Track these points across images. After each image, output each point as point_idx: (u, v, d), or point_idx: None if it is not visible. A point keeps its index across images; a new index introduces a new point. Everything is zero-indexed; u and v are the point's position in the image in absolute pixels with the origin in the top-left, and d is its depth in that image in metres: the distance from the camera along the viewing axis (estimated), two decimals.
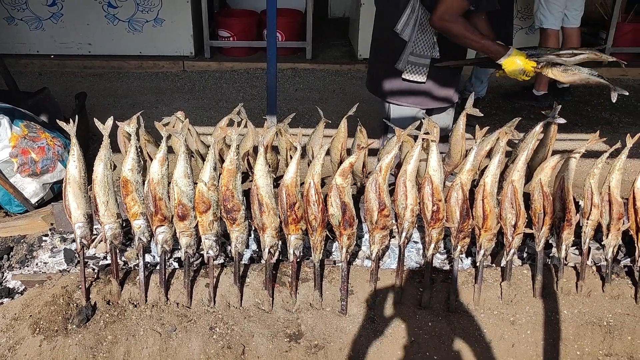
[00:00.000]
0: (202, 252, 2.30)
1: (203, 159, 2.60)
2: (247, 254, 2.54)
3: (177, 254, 2.50)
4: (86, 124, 3.41)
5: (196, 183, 2.20)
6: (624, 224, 2.34)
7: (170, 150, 2.35)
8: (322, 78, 5.37)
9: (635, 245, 2.36)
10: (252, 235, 2.60)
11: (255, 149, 2.61)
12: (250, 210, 2.22)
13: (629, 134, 2.35)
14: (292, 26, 5.67)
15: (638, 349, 2.18)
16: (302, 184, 2.23)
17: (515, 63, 2.60)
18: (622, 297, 2.35)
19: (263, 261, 2.29)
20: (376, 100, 3.26)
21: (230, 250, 2.28)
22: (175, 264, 2.48)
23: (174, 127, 2.45)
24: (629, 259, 2.54)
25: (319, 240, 2.23)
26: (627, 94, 2.48)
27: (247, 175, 2.71)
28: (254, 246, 2.57)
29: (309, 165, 2.64)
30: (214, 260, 2.25)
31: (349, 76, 5.39)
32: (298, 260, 2.32)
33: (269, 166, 2.29)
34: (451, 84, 2.93)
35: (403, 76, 2.81)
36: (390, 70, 2.84)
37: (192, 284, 2.30)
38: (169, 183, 2.21)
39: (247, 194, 2.26)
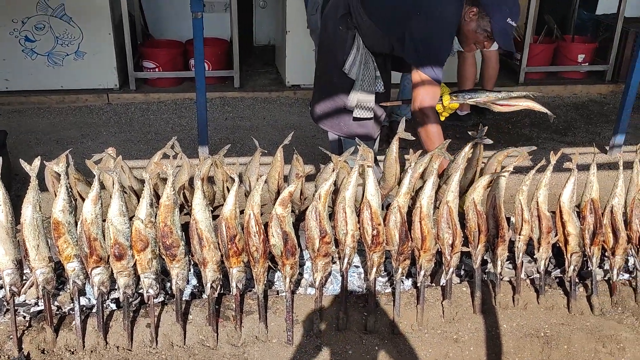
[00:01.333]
0: (141, 292, 2.23)
1: (137, 195, 2.53)
2: (188, 290, 2.48)
3: (115, 295, 2.41)
4: (7, 164, 3.25)
5: (132, 220, 2.14)
6: (553, 237, 2.44)
7: (101, 187, 2.28)
8: (252, 106, 5.36)
9: (565, 256, 2.47)
10: (192, 270, 2.54)
11: (191, 182, 2.57)
12: (190, 245, 2.18)
13: (552, 152, 2.48)
14: (218, 55, 5.65)
15: (574, 357, 2.27)
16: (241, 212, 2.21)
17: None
18: (556, 307, 2.44)
19: (205, 296, 2.25)
20: (308, 126, 3.32)
21: (171, 287, 2.22)
22: (113, 306, 2.39)
23: (105, 164, 2.38)
24: (559, 270, 2.65)
25: (261, 272, 2.21)
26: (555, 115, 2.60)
27: (182, 209, 2.66)
28: (194, 281, 2.52)
29: (246, 196, 2.63)
30: (154, 298, 2.18)
31: (279, 103, 5.41)
32: (241, 293, 2.28)
33: (207, 199, 2.26)
34: (384, 110, 3.04)
35: (354, 114, 2.89)
36: (340, 109, 2.92)
37: (132, 325, 2.22)
38: (104, 222, 2.14)
39: (185, 228, 2.21)
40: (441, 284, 2.49)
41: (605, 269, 2.59)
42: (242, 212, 2.25)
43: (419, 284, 2.36)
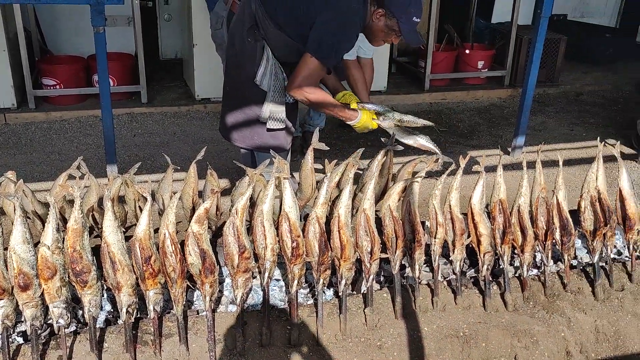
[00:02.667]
0: (50, 322, 2.10)
1: (41, 220, 2.39)
2: (102, 316, 2.36)
3: (21, 327, 2.25)
4: None
5: (37, 247, 2.01)
6: (466, 238, 2.52)
7: (1, 212, 2.13)
8: (161, 121, 5.22)
9: (478, 256, 2.55)
10: (106, 295, 2.42)
11: (100, 203, 2.46)
12: (102, 269, 2.08)
13: (461, 156, 2.56)
14: (123, 70, 5.47)
15: (492, 354, 2.34)
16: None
17: (364, 125, 2.81)
18: (473, 306, 2.52)
19: (121, 322, 2.14)
20: (221, 140, 3.26)
21: (83, 315, 2.10)
22: (20, 339, 2.23)
23: (5, 188, 2.23)
24: (473, 270, 2.73)
25: (180, 292, 2.14)
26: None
27: (92, 232, 2.54)
28: (108, 306, 2.39)
29: (160, 214, 2.54)
30: (65, 329, 2.06)
31: (189, 117, 5.30)
32: (159, 315, 2.20)
33: (118, 220, 2.16)
34: (295, 120, 3.04)
35: (268, 126, 2.86)
36: (253, 121, 2.89)
37: (41, 358, 2.07)
38: (5, 250, 2.00)
39: (96, 252, 2.11)
40: (362, 291, 2.51)
41: (516, 266, 2.70)
42: (156, 231, 2.17)
43: (340, 294, 2.37)
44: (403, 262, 2.56)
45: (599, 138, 2.81)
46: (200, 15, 5.10)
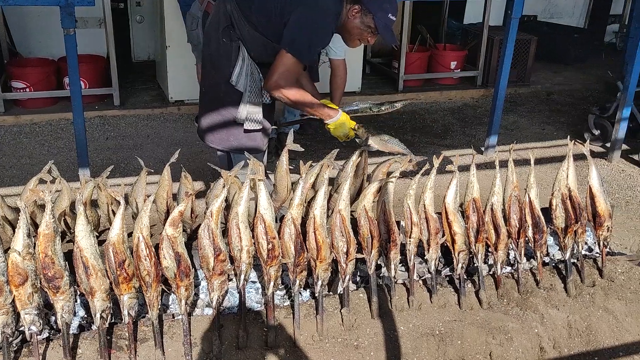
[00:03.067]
0: (22, 329, 2.06)
1: (12, 225, 2.35)
2: (75, 322, 2.32)
3: None
4: None
5: (8, 253, 1.97)
6: (441, 237, 2.54)
7: None
8: (134, 124, 5.17)
9: (452, 255, 2.57)
10: (79, 301, 2.39)
11: (73, 207, 2.43)
12: (75, 274, 2.05)
13: (435, 155, 2.58)
14: (95, 72, 5.40)
15: (467, 351, 2.36)
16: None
17: (341, 127, 2.78)
18: (448, 305, 2.54)
19: (95, 327, 2.12)
20: (195, 142, 3.24)
21: (56, 321, 2.07)
22: None
23: None
24: (448, 269, 2.76)
25: (154, 296, 2.11)
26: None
27: (64, 236, 2.51)
28: (82, 312, 2.36)
29: (133, 218, 2.52)
30: (37, 336, 2.02)
31: (162, 119, 5.26)
32: (134, 320, 2.17)
33: (91, 224, 2.13)
34: (271, 121, 3.04)
35: (245, 127, 2.85)
36: (229, 123, 2.87)
37: None
38: None
39: (68, 257, 2.08)
40: (339, 292, 2.51)
41: (490, 263, 2.73)
42: (130, 235, 2.15)
43: (317, 294, 2.37)
44: (379, 262, 2.58)
45: (569, 137, 2.86)
46: (173, 17, 5.07)
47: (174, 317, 2.36)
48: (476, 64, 6.50)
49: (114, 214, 2.14)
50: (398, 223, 2.59)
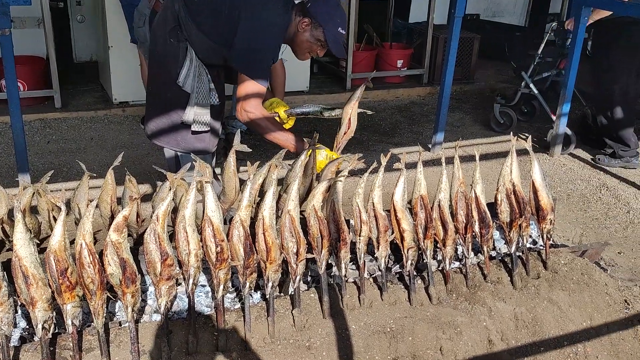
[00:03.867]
0: None
1: None
2: (16, 334, 2.23)
3: None
4: None
5: None
6: (390, 235, 2.56)
7: None
8: (77, 126, 5.03)
9: (402, 252, 2.59)
10: (20, 312, 2.29)
11: (11, 215, 2.33)
12: (14, 285, 1.96)
13: (382, 154, 2.60)
14: (34, 74, 5.23)
15: (418, 347, 2.38)
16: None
17: (321, 160, 2.80)
18: (399, 302, 2.56)
19: (37, 339, 2.04)
20: (141, 144, 3.17)
21: None
22: None
23: None
24: (398, 266, 2.78)
25: (99, 304, 2.05)
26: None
27: (2, 245, 2.41)
28: (23, 323, 2.27)
29: (76, 224, 2.44)
30: None
31: (106, 122, 5.14)
32: (78, 329, 2.10)
33: (30, 232, 2.05)
34: (221, 122, 3.01)
35: (192, 128, 2.81)
36: (177, 124, 2.83)
37: None
38: None
39: (6, 266, 1.99)
40: (290, 293, 2.50)
41: (439, 259, 2.76)
42: (73, 242, 2.08)
43: (267, 296, 2.35)
44: (330, 262, 2.57)
45: (512, 133, 2.92)
46: (115, 16, 4.95)
47: (120, 325, 2.30)
48: (422, 62, 6.59)
49: (56, 220, 2.06)
50: (348, 222, 2.59)
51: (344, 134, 3.04)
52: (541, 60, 5.29)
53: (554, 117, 4.92)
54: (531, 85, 5.27)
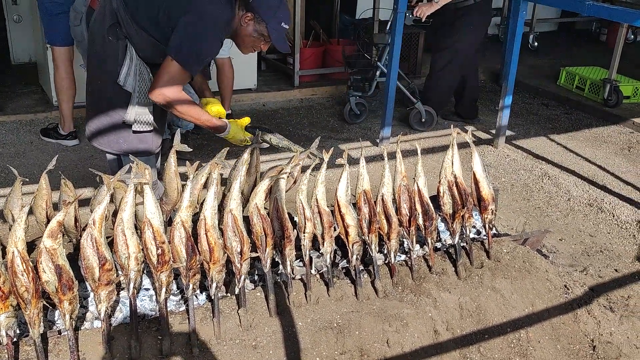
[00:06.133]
0: None
1: None
2: None
3: None
4: None
5: None
6: (334, 230, 2.56)
7: None
8: (15, 130, 4.86)
9: (347, 247, 2.60)
10: None
11: None
12: None
13: (324, 150, 2.60)
14: None
15: (365, 341, 2.40)
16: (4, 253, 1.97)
17: (237, 135, 2.83)
18: (345, 296, 2.56)
19: None
20: (84, 146, 3.08)
21: None
22: None
23: None
24: (344, 261, 2.78)
25: (35, 313, 1.98)
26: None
27: None
28: None
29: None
30: None
31: (46, 124, 4.98)
32: (14, 340, 2.03)
33: None
34: (164, 122, 2.96)
35: (134, 128, 2.74)
36: (118, 124, 2.75)
37: None
38: None
39: None
40: (235, 292, 2.47)
41: (385, 253, 2.78)
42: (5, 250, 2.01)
43: (212, 297, 2.32)
44: (276, 259, 2.56)
45: (452, 126, 2.96)
46: None
47: (60, 334, 2.23)
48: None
49: None
50: (292, 218, 2.58)
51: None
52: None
53: (415, 101, 5.28)
54: None
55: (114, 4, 2.70)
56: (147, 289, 2.54)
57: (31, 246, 2.54)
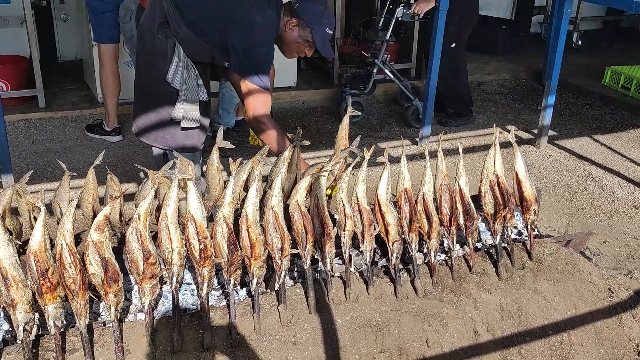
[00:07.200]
0: None
1: None
2: None
3: None
4: None
5: None
6: (374, 229, 2.56)
7: None
8: (62, 126, 4.99)
9: (387, 246, 2.59)
10: (2, 314, 2.28)
11: None
12: None
13: (365, 148, 2.59)
14: (17, 74, 5.18)
15: (404, 340, 2.39)
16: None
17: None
18: (384, 295, 2.56)
19: (19, 341, 2.02)
20: (127, 142, 3.15)
21: None
22: None
23: None
24: (384, 259, 2.78)
25: (82, 305, 2.04)
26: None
27: None
28: (5, 326, 2.25)
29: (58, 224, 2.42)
30: None
31: (91, 120, 5.10)
32: (61, 331, 2.09)
33: (10, 233, 2.04)
34: (209, 118, 3.02)
35: (182, 125, 2.80)
36: (166, 121, 2.82)
37: None
38: None
39: None
40: (275, 289, 2.49)
41: (425, 252, 2.76)
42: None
43: (253, 292, 2.34)
44: (316, 257, 2.57)
45: (494, 125, 2.92)
46: None
47: (104, 325, 2.29)
48: (409, 56, 6.58)
49: (36, 221, 2.04)
50: (332, 216, 2.59)
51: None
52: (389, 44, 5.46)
53: (412, 98, 5.27)
54: (386, 71, 5.40)
55: (164, 3, 2.76)
56: (188, 283, 2.58)
57: (77, 239, 2.61)
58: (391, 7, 5.48)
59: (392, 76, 5.42)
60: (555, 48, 4.57)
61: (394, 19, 5.30)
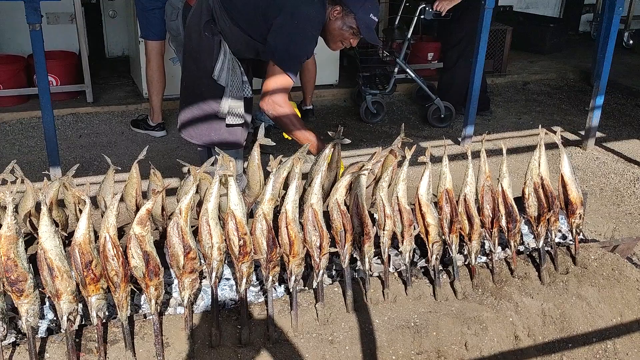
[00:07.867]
0: None
1: None
2: (43, 325, 2.28)
3: None
4: None
5: None
6: (414, 229, 2.53)
7: None
8: (108, 121, 5.10)
9: (427, 246, 2.56)
10: (48, 304, 2.34)
11: (38, 208, 2.37)
12: (40, 277, 2.00)
13: (406, 147, 2.57)
14: (66, 69, 5.31)
15: (443, 342, 2.36)
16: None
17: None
18: (423, 296, 2.53)
19: (63, 330, 2.07)
20: (170, 138, 3.18)
21: (22, 325, 2.02)
22: None
23: None
24: (423, 260, 2.75)
25: (123, 297, 2.08)
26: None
27: (33, 238, 2.46)
28: (50, 315, 2.32)
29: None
30: (2, 341, 1.98)
31: (137, 116, 5.19)
32: (103, 322, 2.13)
33: (57, 225, 2.09)
34: (251, 115, 3.04)
35: (227, 121, 2.82)
36: (211, 117, 2.84)
37: None
38: None
39: (33, 259, 2.03)
40: (313, 286, 2.49)
41: (465, 254, 2.72)
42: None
43: (291, 290, 2.34)
44: (354, 256, 2.56)
45: (540, 126, 2.85)
46: None
47: (145, 317, 2.33)
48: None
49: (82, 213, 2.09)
50: (371, 215, 2.57)
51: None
52: (410, 43, 5.36)
53: (434, 97, 5.18)
54: (408, 70, 5.27)
55: (210, 1, 2.79)
56: (227, 279, 2.61)
57: (121, 232, 2.66)
58: (408, 4, 5.40)
59: (413, 75, 5.32)
60: (605, 47, 4.44)
61: (416, 17, 5.22)
